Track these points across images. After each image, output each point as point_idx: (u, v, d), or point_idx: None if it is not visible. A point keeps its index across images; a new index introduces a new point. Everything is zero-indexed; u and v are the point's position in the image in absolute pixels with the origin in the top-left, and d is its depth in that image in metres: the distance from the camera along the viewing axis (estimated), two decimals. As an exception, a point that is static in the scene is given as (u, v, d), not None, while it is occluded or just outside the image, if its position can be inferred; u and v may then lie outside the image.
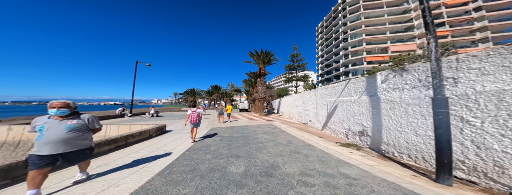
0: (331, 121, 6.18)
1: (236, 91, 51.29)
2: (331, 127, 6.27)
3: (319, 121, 7.44)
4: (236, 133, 6.69)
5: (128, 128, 5.53)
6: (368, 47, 32.22)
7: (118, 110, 12.57)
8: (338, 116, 5.80)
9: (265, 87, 17.80)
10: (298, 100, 11.45)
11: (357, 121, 4.89)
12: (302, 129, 7.71)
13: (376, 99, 4.19)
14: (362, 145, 4.71)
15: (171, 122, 10.39)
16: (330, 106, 6.35)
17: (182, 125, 8.83)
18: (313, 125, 8.28)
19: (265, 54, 17.19)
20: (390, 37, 31.89)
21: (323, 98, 7.07)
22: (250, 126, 9.16)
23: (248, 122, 11.27)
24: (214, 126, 8.85)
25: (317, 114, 7.73)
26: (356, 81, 5.14)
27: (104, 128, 5.58)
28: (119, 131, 5.41)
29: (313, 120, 8.27)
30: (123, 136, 3.86)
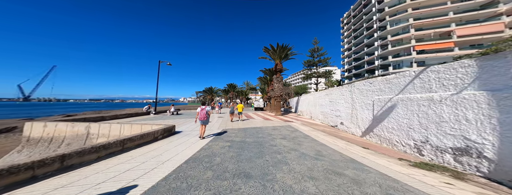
0: (382, 127, 4.51)
1: (251, 89, 50.81)
2: (382, 135, 4.60)
3: (356, 124, 5.74)
4: (249, 137, 5.68)
5: (139, 128, 5.26)
6: (418, 34, 25.66)
7: (144, 108, 13.32)
8: (398, 120, 4.13)
9: (281, 84, 16.29)
10: (323, 98, 9.64)
11: (450, 131, 3.18)
12: (331, 134, 6.15)
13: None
14: (465, 170, 2.98)
15: (186, 120, 10.22)
16: (378, 106, 4.66)
17: (195, 124, 8.43)
18: (346, 129, 6.58)
19: (281, 49, 15.60)
20: (454, 18, 24.12)
21: (365, 95, 5.35)
22: (266, 127, 8.05)
23: (263, 122, 10.17)
24: (226, 126, 8.11)
25: (353, 116, 6.02)
26: (446, 68, 3.31)
27: (118, 127, 5.44)
28: (132, 130, 5.20)
29: (346, 123, 6.56)
30: (118, 141, 3.32)
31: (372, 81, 5.04)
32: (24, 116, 27.15)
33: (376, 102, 4.76)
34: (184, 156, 3.59)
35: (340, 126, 7.17)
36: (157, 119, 10.41)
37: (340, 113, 7.27)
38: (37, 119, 13.03)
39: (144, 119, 10.28)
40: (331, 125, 8.32)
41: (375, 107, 4.76)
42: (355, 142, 4.89)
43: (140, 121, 9.26)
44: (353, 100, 6.14)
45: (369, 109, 5.09)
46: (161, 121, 9.40)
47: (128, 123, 5.49)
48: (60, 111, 38.35)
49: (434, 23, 25.32)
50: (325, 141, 5.20)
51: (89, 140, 5.11)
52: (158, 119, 10.66)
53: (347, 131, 6.54)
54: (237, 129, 7.51)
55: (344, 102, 6.88)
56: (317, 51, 30.10)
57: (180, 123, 8.84)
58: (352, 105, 6.19)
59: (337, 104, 7.62)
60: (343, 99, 7.02)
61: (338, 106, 7.44)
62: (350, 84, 6.58)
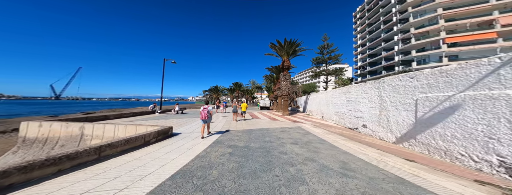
0: (432, 133, 3.40)
1: (257, 88, 49.92)
2: (432, 144, 3.46)
3: (387, 128, 4.61)
4: (254, 142, 4.85)
5: (134, 130, 4.73)
6: (449, 25, 22.53)
7: (150, 106, 13.10)
8: (466, 126, 2.93)
9: (289, 82, 15.19)
10: (338, 97, 8.44)
11: None
12: (352, 139, 5.09)
13: None
14: None
15: (188, 120, 9.69)
16: (425, 106, 3.55)
17: (196, 125, 7.83)
18: (371, 133, 5.45)
19: (289, 45, 14.45)
20: (498, 5, 20.54)
21: (402, 92, 4.22)
22: (273, 129, 7.16)
23: (270, 123, 9.27)
24: (230, 127, 7.37)
25: (383, 118, 4.89)
26: None
27: (112, 128, 4.96)
28: (126, 132, 4.69)
29: (371, 126, 5.41)
30: (91, 149, 2.66)
31: (414, 75, 3.87)
32: (52, 113, 29.27)
33: (422, 101, 3.61)
34: (172, 167, 2.85)
35: (362, 128, 6.00)
36: (161, 118, 10.04)
37: (361, 114, 6.08)
38: (32, 117, 13.57)
39: (146, 118, 9.96)
40: (348, 127, 7.14)
41: (420, 107, 3.61)
42: (390, 151, 3.80)
43: (142, 120, 8.91)
44: (382, 99, 4.97)
45: (408, 110, 3.94)
46: (163, 121, 8.97)
47: (123, 124, 4.99)
48: (83, 109, 41.02)
49: (471, 12, 21.70)
50: (348, 148, 4.17)
51: (83, 142, 4.73)
52: (162, 118, 10.30)
53: (373, 135, 5.38)
54: (241, 130, 6.72)
55: (368, 101, 5.70)
56: (326, 48, 28.18)
57: (182, 123, 8.30)
58: (381, 104, 5.02)
59: (357, 103, 6.43)
60: (366, 97, 5.83)
61: (359, 105, 6.25)
62: (376, 80, 5.39)
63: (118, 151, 3.15)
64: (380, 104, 5.06)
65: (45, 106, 65.10)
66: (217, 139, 5.11)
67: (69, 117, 7.50)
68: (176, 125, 7.48)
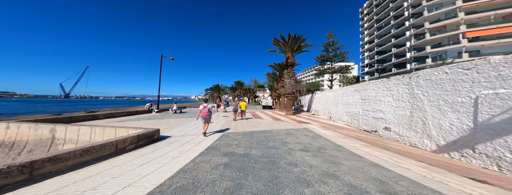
0: (508, 144, 2.37)
1: (259, 87, 48.94)
2: (508, 158, 2.44)
3: (424, 133, 3.67)
4: (256, 147, 3.99)
5: (113, 133, 3.96)
6: (470, 18, 20.36)
7: (146, 105, 12.42)
8: None
9: (293, 80, 14.20)
10: (350, 95, 7.43)
11: None
12: (375, 144, 4.17)
13: None
14: None
15: (186, 120, 8.92)
16: (495, 106, 2.53)
17: (192, 125, 7.04)
18: (397, 138, 4.49)
19: (294, 40, 13.41)
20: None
21: (452, 88, 3.26)
22: (277, 131, 6.27)
23: (273, 123, 8.39)
24: (229, 128, 6.53)
25: (416, 120, 3.93)
26: None
27: (88, 131, 4.19)
28: (104, 135, 3.93)
29: (397, 129, 4.46)
30: (18, 166, 1.77)
31: (473, 65, 2.87)
32: (56, 111, 29.29)
33: (488, 99, 2.61)
34: (137, 191, 1.99)
35: (384, 132, 5.01)
36: (155, 118, 9.32)
37: (383, 115, 5.09)
38: (20, 117, 12.99)
39: (140, 118, 9.23)
40: (364, 130, 6.15)
41: (484, 108, 2.63)
42: (436, 164, 2.84)
43: (134, 120, 8.18)
44: (414, 97, 3.98)
45: (460, 111, 2.97)
46: (156, 121, 8.21)
47: (101, 126, 4.21)
48: (89, 107, 41.14)
49: (495, 3, 19.52)
50: (376, 158, 3.25)
51: (54, 146, 4.01)
52: (157, 118, 9.57)
53: (400, 141, 4.39)
54: (241, 133, 5.86)
55: (393, 100, 4.70)
56: (332, 45, 26.82)
57: (176, 124, 7.53)
58: (412, 103, 4.03)
59: (377, 102, 5.44)
60: (390, 95, 4.83)
61: (380, 105, 5.25)
62: (404, 75, 4.38)
63: (69, 165, 2.32)
64: (412, 103, 4.07)
65: (54, 104, 66.29)
66: (212, 144, 4.27)
67: (57, 116, 6.85)
68: (168, 126, 6.71)
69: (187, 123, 7.76)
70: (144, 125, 6.61)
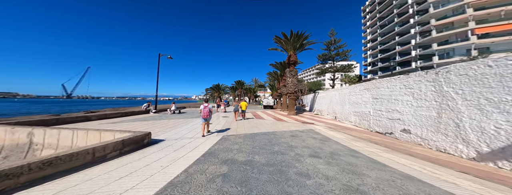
0: None
1: (260, 86, 48.42)
2: None
3: (459, 137, 3.16)
4: (259, 153, 3.49)
5: (97, 136, 3.47)
6: (479, 14, 19.57)
7: (143, 106, 11.89)
8: None
9: (295, 79, 13.67)
10: (358, 94, 6.90)
11: None
12: (394, 148, 3.68)
13: None
14: None
15: (184, 121, 8.44)
16: None
17: (190, 127, 6.56)
18: (420, 141, 3.98)
19: (296, 37, 12.87)
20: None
21: (496, 85, 2.76)
22: (281, 133, 5.76)
23: (275, 124, 7.88)
24: (230, 130, 6.03)
25: (447, 122, 3.38)
26: None
27: (69, 135, 3.70)
28: (88, 140, 3.44)
29: (419, 131, 3.95)
30: None
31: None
32: (56, 112, 28.94)
33: None
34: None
35: (402, 134, 4.47)
36: (152, 119, 8.84)
37: (400, 115, 4.55)
38: None
39: (136, 119, 8.75)
40: (377, 131, 5.61)
41: None
42: (485, 176, 2.31)
43: (130, 122, 7.71)
44: (443, 95, 3.45)
45: None
46: (152, 122, 7.73)
47: (84, 129, 3.70)
48: (89, 107, 40.79)
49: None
50: (404, 167, 2.74)
51: (31, 152, 3.54)
52: (154, 118, 9.09)
53: (423, 145, 3.86)
54: (242, 135, 5.36)
55: (414, 99, 4.17)
56: (334, 44, 26.23)
57: (173, 125, 7.04)
58: (441, 103, 3.50)
59: (393, 101, 4.90)
60: (410, 93, 4.30)
61: (397, 104, 4.71)
62: (429, 70, 3.84)
63: (21, 182, 1.81)
64: (439, 103, 3.53)
65: (54, 104, 66.20)
66: (210, 148, 3.77)
67: (48, 117, 6.39)
68: (164, 128, 6.22)
69: (185, 124, 7.27)
70: (138, 127, 6.12)
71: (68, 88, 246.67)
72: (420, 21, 24.48)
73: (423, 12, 23.92)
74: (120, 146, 2.95)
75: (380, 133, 5.50)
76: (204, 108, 4.84)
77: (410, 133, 4.22)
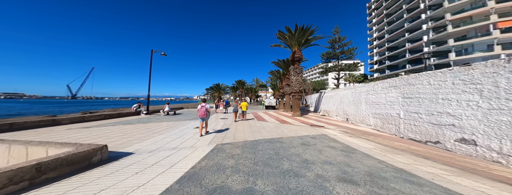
0: None
1: (261, 86, 47.17)
2: None
3: None
4: (263, 175, 2.30)
5: (23, 152, 2.32)
6: (502, 7, 17.41)
7: (133, 106, 10.73)
8: None
9: (300, 77, 12.42)
10: (381, 93, 5.66)
11: None
12: (463, 168, 2.52)
13: None
14: None
15: (174, 124, 7.28)
16: None
17: (180, 132, 5.39)
18: (497, 158, 2.69)
19: (301, 32, 11.64)
20: None
21: None
22: (288, 139, 4.56)
23: (279, 127, 6.67)
24: (226, 136, 4.83)
25: None
26: None
27: (3, 151, 2.54)
28: (10, 157, 2.29)
29: (494, 144, 2.69)
30: None
31: None
32: (53, 112, 28.09)
33: None
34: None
35: (459, 145, 3.18)
36: (138, 122, 7.71)
37: (456, 120, 3.29)
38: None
39: (119, 122, 7.61)
40: (410, 138, 4.34)
41: None
42: None
43: (108, 125, 6.56)
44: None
45: None
46: (135, 126, 6.60)
47: (7, 142, 2.51)
48: (89, 108, 40.03)
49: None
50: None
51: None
52: (141, 121, 7.96)
53: (505, 163, 2.58)
54: (241, 143, 4.16)
55: (483, 99, 2.92)
56: (338, 42, 24.88)
57: (158, 130, 5.88)
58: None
59: (440, 102, 3.66)
60: (476, 92, 3.04)
61: (449, 105, 3.45)
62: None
63: None
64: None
65: (56, 105, 65.90)
66: (195, 166, 2.59)
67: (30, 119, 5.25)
68: (146, 134, 5.06)
69: (174, 129, 6.09)
70: (111, 133, 4.97)
71: (73, 89, 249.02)
72: (433, 16, 22.67)
73: (436, 6, 22.09)
74: (31, 173, 1.74)
75: (417, 141, 4.23)
76: (201, 108, 4.77)
77: (476, 144, 2.96)
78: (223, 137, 4.81)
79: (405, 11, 27.06)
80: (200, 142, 4.23)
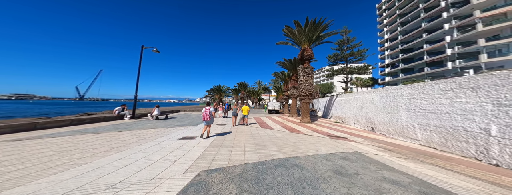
0: None
1: (263, 89, 45.70)
2: None
3: None
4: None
5: None
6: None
7: (115, 110, 8.75)
8: None
9: (311, 78, 10.89)
10: (446, 99, 4.03)
11: None
12: None
13: None
14: None
15: (156, 133, 5.79)
16: None
17: (148, 151, 3.81)
18: None
19: (313, 27, 10.28)
20: None
21: None
22: (307, 161, 2.97)
23: (290, 138, 5.04)
24: (220, 151, 3.26)
25: None
26: None
27: None
28: None
29: None
30: None
31: None
32: (48, 114, 27.27)
33: None
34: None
35: None
36: (113, 129, 6.26)
37: None
38: None
39: (84, 129, 6.20)
40: (497, 163, 2.60)
41: None
42: None
43: (77, 133, 5.16)
44: None
45: None
46: (92, 138, 5.12)
47: None
48: (94, 109, 39.26)
49: None
50: None
51: None
52: (117, 128, 6.52)
53: None
54: (239, 167, 2.60)
55: None
56: (346, 43, 23.38)
57: (129, 142, 4.39)
58: None
59: None
60: None
61: None
62: None
63: None
64: None
65: (60, 106, 66.26)
66: None
67: None
68: (100, 150, 3.56)
69: (149, 141, 4.56)
70: (26, 153, 3.50)
71: (81, 91, 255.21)
72: (458, 14, 20.27)
73: (461, 4, 19.90)
74: None
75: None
76: (205, 111, 4.83)
77: None
78: (214, 155, 3.25)
79: (422, 10, 24.87)
80: (173, 167, 2.67)
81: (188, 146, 4.01)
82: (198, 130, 6.32)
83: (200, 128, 6.81)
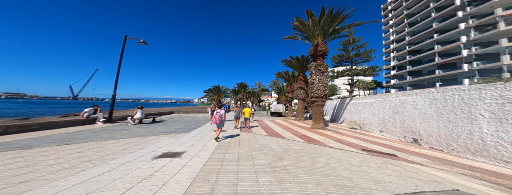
0: None
1: (263, 91, 44.21)
2: None
3: None
4: None
5: None
6: None
7: (83, 112, 6.60)
8: None
9: (326, 77, 9.37)
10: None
11: None
12: None
13: None
14: None
15: (128, 144, 4.05)
16: None
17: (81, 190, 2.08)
18: None
19: (329, 18, 8.82)
20: None
21: None
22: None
23: (312, 154, 3.37)
24: (213, 192, 1.60)
25: None
26: None
27: None
28: None
29: None
30: None
31: None
32: (37, 115, 24.68)
33: None
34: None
35: None
36: (63, 140, 4.48)
37: None
38: None
39: (39, 138, 4.40)
40: None
41: None
42: None
43: (15, 147, 3.41)
44: None
45: None
46: (65, 149, 3.40)
47: None
48: (82, 109, 36.36)
49: None
50: None
51: None
52: (79, 137, 4.74)
53: None
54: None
55: None
56: (352, 43, 22.23)
57: (70, 164, 2.65)
58: None
59: None
60: None
61: None
62: None
63: None
64: None
65: (50, 105, 62.72)
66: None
67: None
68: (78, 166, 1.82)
69: (101, 164, 2.84)
70: None
71: (75, 90, 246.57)
72: (475, 13, 18.64)
73: (478, 2, 18.46)
74: None
75: None
76: (216, 114, 4.76)
77: None
78: (201, 179, 1.58)
79: (433, 9, 23.54)
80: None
81: (165, 173, 2.34)
82: (189, 140, 4.63)
83: (192, 137, 5.11)
